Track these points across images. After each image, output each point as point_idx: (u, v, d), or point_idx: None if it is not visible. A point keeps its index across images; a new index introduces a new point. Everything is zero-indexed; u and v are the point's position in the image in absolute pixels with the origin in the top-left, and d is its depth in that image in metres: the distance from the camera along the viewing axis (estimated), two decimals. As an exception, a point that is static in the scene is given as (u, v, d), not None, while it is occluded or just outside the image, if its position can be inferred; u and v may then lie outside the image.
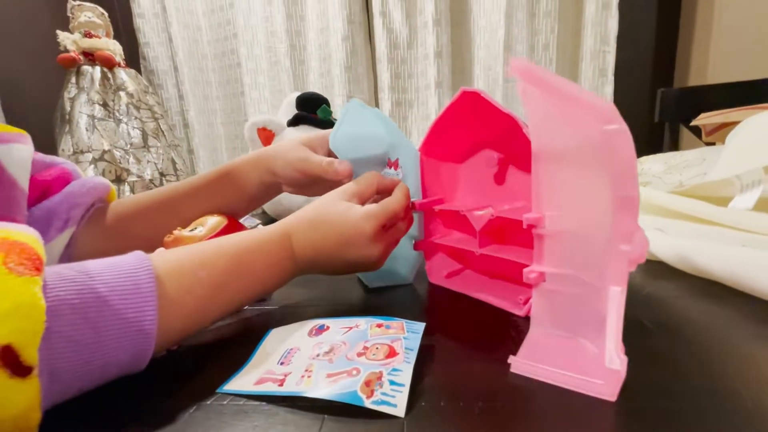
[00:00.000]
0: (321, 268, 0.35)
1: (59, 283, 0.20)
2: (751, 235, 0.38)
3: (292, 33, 1.37)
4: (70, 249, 0.41)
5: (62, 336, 0.20)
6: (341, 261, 0.34)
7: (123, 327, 0.22)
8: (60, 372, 0.20)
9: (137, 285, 0.23)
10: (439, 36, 1.24)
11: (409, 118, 1.35)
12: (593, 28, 1.17)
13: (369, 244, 0.34)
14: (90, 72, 1.13)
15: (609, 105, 0.19)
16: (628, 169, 0.20)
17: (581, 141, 0.23)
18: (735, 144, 0.48)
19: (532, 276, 0.27)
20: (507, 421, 0.20)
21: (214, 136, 1.53)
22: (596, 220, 0.23)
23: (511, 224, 0.32)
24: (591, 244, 0.24)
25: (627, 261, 0.20)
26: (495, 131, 0.36)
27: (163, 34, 1.40)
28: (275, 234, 0.33)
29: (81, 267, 0.22)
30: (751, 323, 0.28)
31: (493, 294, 0.36)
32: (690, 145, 0.95)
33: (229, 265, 0.29)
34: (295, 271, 0.34)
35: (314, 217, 0.34)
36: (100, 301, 0.21)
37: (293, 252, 0.33)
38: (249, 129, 0.73)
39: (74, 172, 0.44)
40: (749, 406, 0.20)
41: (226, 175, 0.44)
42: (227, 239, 0.31)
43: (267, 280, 0.32)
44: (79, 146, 1.09)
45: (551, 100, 0.23)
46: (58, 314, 0.20)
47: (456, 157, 0.41)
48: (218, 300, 0.29)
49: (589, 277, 0.25)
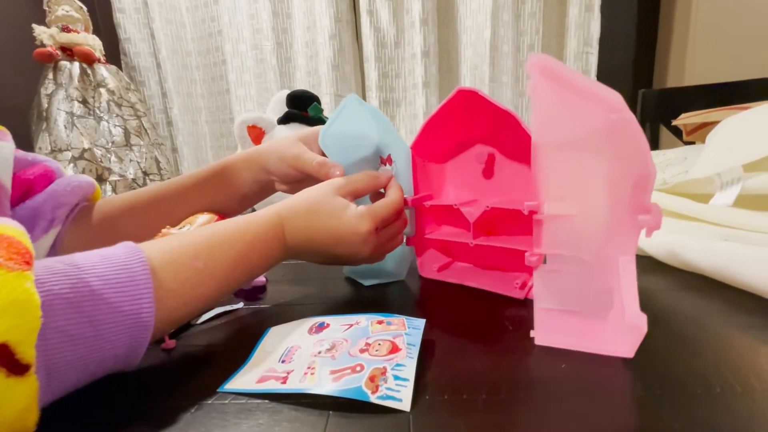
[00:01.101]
0: (308, 257, 0.36)
1: (50, 277, 0.20)
2: (732, 230, 0.40)
3: (279, 30, 1.35)
4: (55, 249, 0.39)
5: (58, 331, 0.19)
6: (330, 255, 0.35)
7: (120, 320, 0.21)
8: (57, 368, 0.19)
9: (132, 277, 0.23)
10: (426, 35, 1.25)
11: (396, 117, 1.36)
12: (576, 30, 1.20)
13: (361, 244, 0.34)
14: (68, 68, 1.10)
15: (618, 96, 0.22)
16: (639, 151, 0.22)
17: (588, 130, 0.25)
18: (715, 143, 0.50)
19: (533, 259, 0.29)
20: (511, 412, 0.21)
21: (198, 134, 1.50)
22: (594, 202, 0.26)
23: (502, 215, 0.35)
24: (589, 226, 0.27)
25: (646, 229, 0.23)
26: (488, 128, 0.37)
27: (145, 30, 1.37)
28: (268, 222, 0.33)
29: (70, 260, 0.22)
30: (737, 314, 0.29)
31: (488, 282, 0.37)
32: (669, 145, 0.98)
33: (224, 252, 0.29)
34: (283, 257, 0.34)
35: (309, 209, 0.34)
36: (94, 294, 0.21)
37: (284, 238, 0.33)
38: (239, 127, 0.72)
39: (57, 170, 0.43)
40: (738, 391, 0.21)
41: (218, 173, 0.43)
42: (220, 227, 0.31)
43: (259, 265, 0.32)
44: (58, 144, 1.05)
45: (562, 93, 0.25)
46: (53, 309, 0.19)
47: (446, 154, 0.42)
48: (213, 287, 0.29)
49: (587, 256, 0.27)
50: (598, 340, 0.25)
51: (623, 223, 0.24)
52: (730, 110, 0.62)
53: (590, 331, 0.27)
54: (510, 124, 0.34)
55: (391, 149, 0.40)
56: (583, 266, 0.28)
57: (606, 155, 0.25)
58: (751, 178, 0.42)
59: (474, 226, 0.37)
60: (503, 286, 0.36)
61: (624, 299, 0.24)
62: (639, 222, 0.23)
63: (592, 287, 0.28)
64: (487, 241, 0.37)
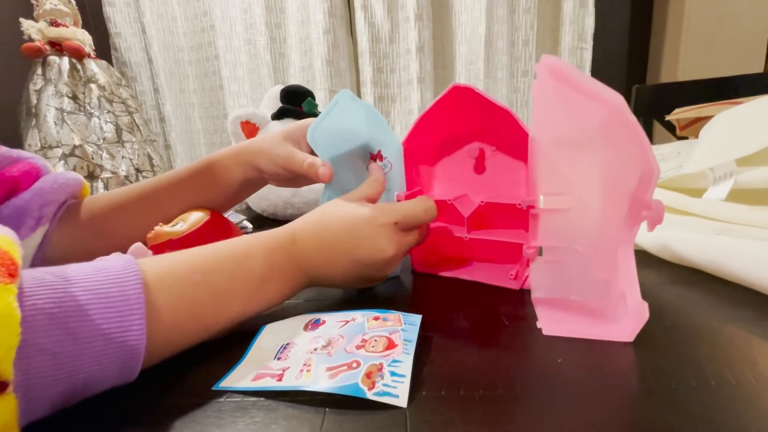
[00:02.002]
0: (330, 272, 0.32)
1: (37, 289, 0.19)
2: (725, 225, 0.40)
3: (272, 25, 1.34)
4: (43, 248, 0.39)
5: (39, 348, 0.18)
6: (351, 260, 0.31)
7: (106, 338, 0.20)
8: (38, 387, 0.18)
9: (123, 292, 0.21)
10: (421, 31, 1.24)
11: (391, 113, 1.35)
12: (571, 25, 1.20)
13: (381, 237, 0.31)
14: (57, 63, 1.08)
15: (620, 97, 0.23)
16: (642, 149, 0.23)
17: (587, 128, 0.26)
18: (708, 138, 0.51)
19: (530, 252, 0.30)
20: (508, 408, 0.21)
21: (192, 130, 1.49)
22: (589, 197, 0.27)
23: (495, 210, 0.36)
24: (584, 219, 0.28)
25: (648, 223, 0.24)
26: (482, 124, 0.38)
27: (136, 24, 1.35)
28: (278, 236, 0.31)
29: (62, 271, 0.21)
30: (731, 307, 0.30)
31: (482, 275, 0.38)
32: (662, 140, 0.98)
33: (227, 267, 0.27)
34: (301, 276, 0.31)
35: (322, 215, 0.33)
36: (81, 309, 0.20)
37: (298, 254, 0.31)
38: (232, 123, 0.72)
39: (43, 167, 0.42)
40: (733, 383, 0.21)
41: (206, 169, 0.43)
42: (226, 242, 0.29)
43: (270, 285, 0.29)
44: (48, 141, 1.03)
45: (565, 93, 0.25)
46: (35, 325, 0.18)
47: (438, 149, 0.43)
48: (218, 307, 0.27)
49: (582, 247, 0.28)
50: (599, 327, 0.27)
51: (623, 216, 0.25)
52: (724, 105, 0.63)
53: (591, 318, 0.28)
54: (505, 121, 0.34)
55: (383, 146, 0.39)
56: (578, 257, 0.29)
57: (604, 153, 0.26)
58: (744, 173, 0.42)
59: (467, 221, 0.38)
60: (497, 277, 0.37)
61: (625, 287, 0.25)
62: (641, 216, 0.24)
63: (589, 276, 0.28)
64: (481, 235, 0.38)
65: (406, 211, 0.33)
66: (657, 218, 0.23)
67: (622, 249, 0.26)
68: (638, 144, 0.23)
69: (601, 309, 0.28)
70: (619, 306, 0.26)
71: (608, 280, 0.27)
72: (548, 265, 0.32)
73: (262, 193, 0.68)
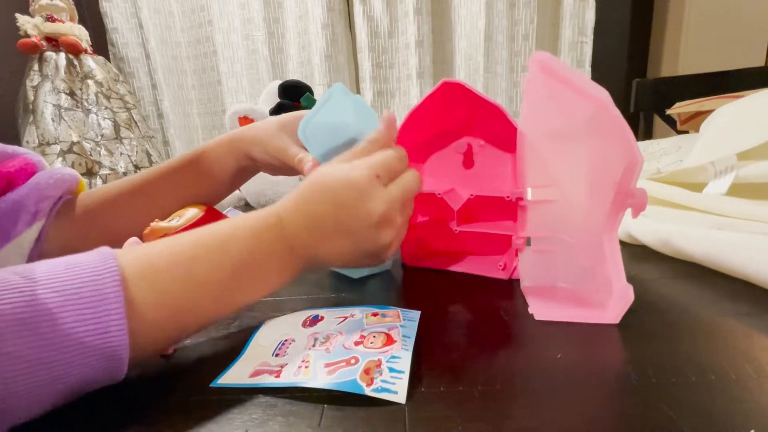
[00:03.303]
0: (324, 251, 0.29)
1: (4, 293, 0.18)
2: (725, 219, 0.40)
3: (270, 20, 1.33)
4: (40, 244, 0.39)
5: (12, 357, 0.17)
6: (341, 232, 0.28)
7: (82, 342, 0.19)
8: (18, 396, 0.17)
9: (99, 291, 0.20)
10: (420, 25, 1.23)
11: (391, 107, 1.35)
12: (571, 20, 1.19)
13: (364, 198, 0.27)
14: (54, 59, 1.07)
15: (605, 92, 0.24)
16: (626, 142, 0.24)
17: (574, 122, 0.27)
18: (709, 132, 0.50)
19: (519, 242, 0.31)
20: (507, 403, 0.20)
21: (190, 126, 1.48)
22: (575, 188, 0.28)
23: (483, 203, 0.37)
24: (571, 209, 0.29)
25: (632, 210, 0.25)
26: (472, 119, 0.38)
27: (133, 20, 1.34)
28: (264, 216, 0.28)
29: (29, 271, 0.19)
30: (731, 302, 0.29)
31: (471, 266, 0.39)
32: (663, 135, 0.98)
33: (210, 254, 0.25)
34: (294, 259, 0.28)
35: (304, 190, 0.29)
36: (51, 313, 0.18)
37: (288, 235, 0.28)
38: (230, 118, 0.71)
39: (39, 163, 0.42)
40: (733, 378, 0.21)
41: (198, 159, 0.43)
42: (207, 227, 0.27)
43: (259, 267, 0.27)
44: (45, 137, 1.03)
45: (554, 87, 0.26)
46: (4, 332, 0.17)
47: (427, 144, 0.43)
48: (206, 296, 0.25)
49: (569, 236, 0.29)
50: (587, 311, 0.28)
51: (608, 205, 0.26)
52: (724, 99, 0.62)
53: (579, 303, 0.29)
54: (494, 115, 0.35)
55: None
56: (565, 245, 0.30)
57: (590, 145, 0.27)
58: (744, 167, 0.42)
59: (457, 214, 0.39)
60: (486, 268, 0.38)
61: (611, 272, 0.26)
62: (625, 204, 0.25)
63: (576, 264, 0.30)
64: (470, 228, 0.39)
65: (382, 162, 0.30)
66: (640, 205, 0.24)
67: (607, 236, 0.27)
68: (623, 136, 0.24)
69: (588, 294, 0.29)
70: (605, 290, 0.27)
71: (594, 267, 0.28)
72: (536, 255, 0.33)
73: (260, 189, 0.67)
